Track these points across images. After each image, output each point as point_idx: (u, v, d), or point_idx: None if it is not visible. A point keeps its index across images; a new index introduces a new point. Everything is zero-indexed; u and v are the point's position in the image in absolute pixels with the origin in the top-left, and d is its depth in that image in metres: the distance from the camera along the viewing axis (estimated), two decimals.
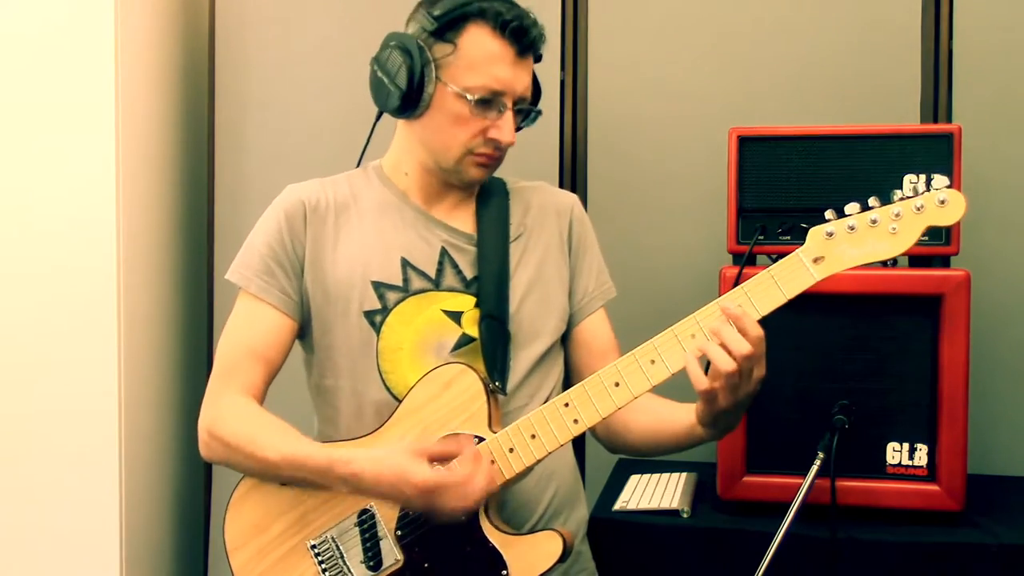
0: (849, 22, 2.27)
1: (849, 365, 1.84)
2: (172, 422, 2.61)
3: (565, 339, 1.71)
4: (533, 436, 1.45)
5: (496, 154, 1.58)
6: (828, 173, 1.90)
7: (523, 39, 1.52)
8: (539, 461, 1.47)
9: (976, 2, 2.21)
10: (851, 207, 1.35)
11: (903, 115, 2.23)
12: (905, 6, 2.24)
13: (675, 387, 1.50)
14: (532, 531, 1.58)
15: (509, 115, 1.55)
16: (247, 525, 1.57)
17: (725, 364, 1.35)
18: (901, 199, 1.33)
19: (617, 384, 1.43)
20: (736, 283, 1.84)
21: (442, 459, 1.44)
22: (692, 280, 2.33)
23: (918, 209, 1.32)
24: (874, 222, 1.33)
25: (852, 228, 1.34)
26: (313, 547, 1.53)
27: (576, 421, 1.44)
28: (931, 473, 1.82)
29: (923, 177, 1.87)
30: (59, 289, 2.38)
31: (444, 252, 1.62)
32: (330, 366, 1.62)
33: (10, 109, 2.37)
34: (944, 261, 1.88)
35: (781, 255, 1.91)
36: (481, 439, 1.48)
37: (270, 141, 2.55)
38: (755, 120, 2.13)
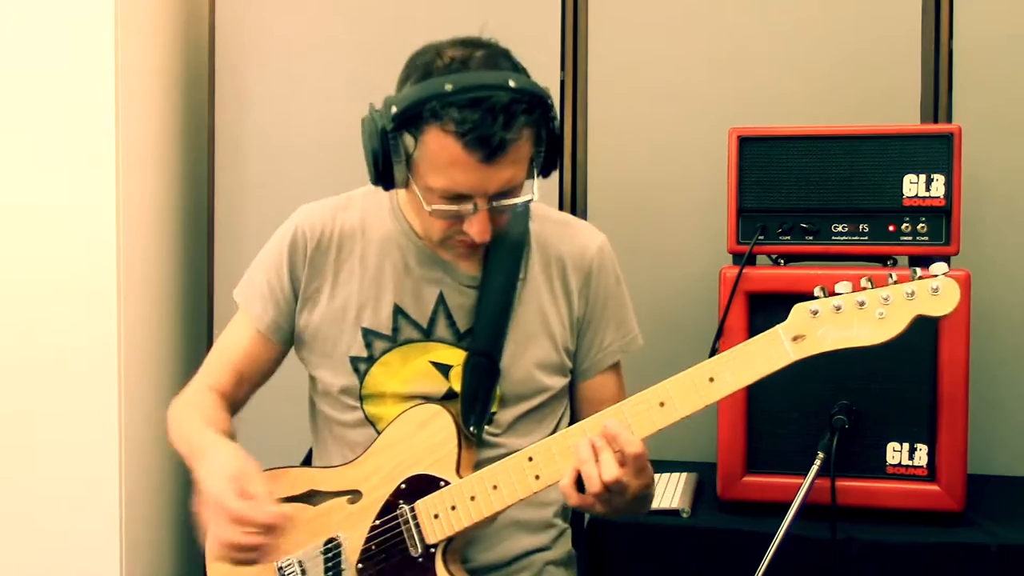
0: (849, 22, 2.27)
1: (849, 365, 1.83)
2: None
3: (572, 389, 1.67)
4: (495, 487, 1.43)
5: (478, 242, 1.44)
6: (828, 173, 1.90)
7: (487, 147, 1.33)
8: (499, 512, 1.46)
9: (976, 2, 2.21)
10: (842, 286, 1.29)
11: (903, 115, 2.23)
12: (905, 6, 2.24)
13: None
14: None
15: (482, 215, 1.40)
16: None
17: (592, 486, 1.32)
18: (894, 283, 1.27)
19: None
20: (735, 283, 1.85)
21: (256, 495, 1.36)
22: (692, 280, 2.33)
23: (909, 295, 1.27)
24: (861, 304, 1.28)
25: (838, 308, 1.28)
26: (280, 569, 1.54)
27: (538, 477, 1.41)
28: (931, 473, 1.82)
29: (923, 177, 1.87)
30: (59, 289, 2.38)
31: (440, 299, 1.56)
32: (322, 394, 1.64)
33: (10, 109, 2.37)
34: (944, 261, 1.87)
35: (781, 255, 1.94)
36: (447, 483, 1.47)
37: (270, 141, 2.55)
38: (755, 120, 2.13)
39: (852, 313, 1.28)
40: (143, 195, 2.48)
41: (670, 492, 1.98)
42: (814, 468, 1.69)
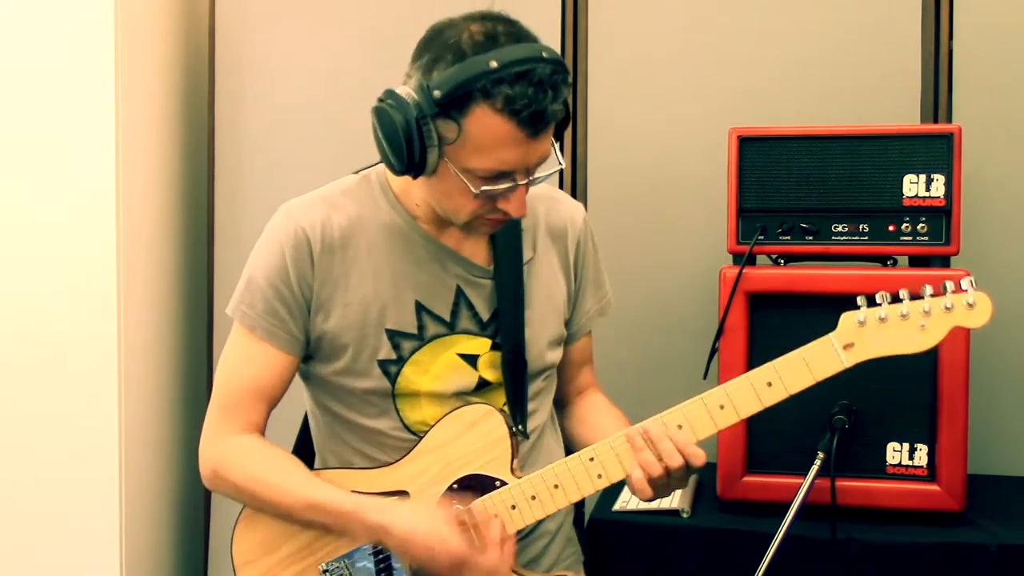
0: (849, 22, 2.27)
1: None
2: (172, 425, 2.61)
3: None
4: (556, 486, 1.46)
5: (507, 218, 1.45)
6: (828, 173, 1.90)
7: (539, 124, 1.33)
8: (559, 510, 1.49)
9: (976, 2, 2.21)
10: (881, 295, 1.39)
11: (903, 115, 2.23)
12: (905, 6, 2.24)
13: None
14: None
15: (520, 191, 1.40)
16: (256, 543, 1.55)
17: (653, 471, 1.44)
18: (932, 295, 1.38)
19: None
20: (735, 283, 1.85)
21: (464, 526, 1.42)
22: (692, 280, 2.33)
23: (947, 309, 1.37)
24: (904, 316, 1.38)
25: (883, 319, 1.39)
26: (325, 572, 1.51)
27: (600, 476, 1.46)
28: (931, 473, 1.82)
29: (923, 177, 1.87)
30: (59, 289, 2.38)
31: (459, 292, 1.53)
32: (342, 397, 1.57)
33: (10, 109, 2.37)
34: (944, 261, 1.88)
35: (781, 255, 1.94)
36: (503, 483, 1.48)
37: (270, 141, 2.55)
38: (755, 120, 2.13)
39: (896, 324, 1.39)
40: (143, 195, 2.48)
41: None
42: (814, 468, 1.69)
